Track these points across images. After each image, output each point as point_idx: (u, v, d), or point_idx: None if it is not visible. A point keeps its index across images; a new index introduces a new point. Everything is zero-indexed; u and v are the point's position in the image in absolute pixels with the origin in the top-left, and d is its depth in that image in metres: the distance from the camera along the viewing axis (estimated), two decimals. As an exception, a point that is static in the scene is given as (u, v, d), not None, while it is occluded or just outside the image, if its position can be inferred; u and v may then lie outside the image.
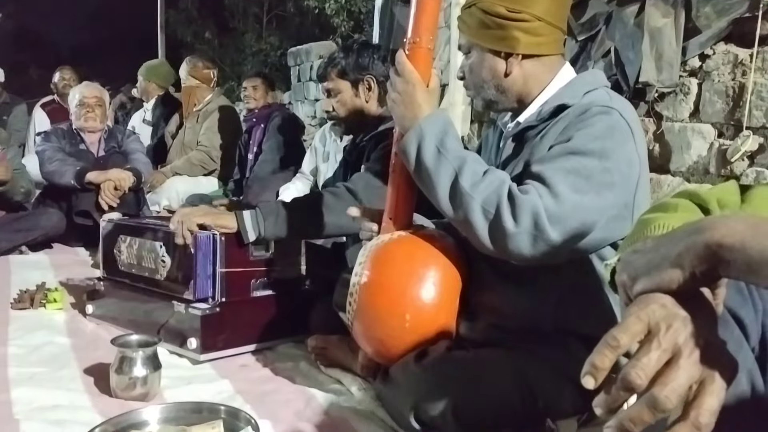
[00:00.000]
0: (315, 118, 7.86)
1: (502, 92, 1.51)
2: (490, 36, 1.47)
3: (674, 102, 3.30)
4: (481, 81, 1.52)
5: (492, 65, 1.50)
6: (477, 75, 1.52)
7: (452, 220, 1.39)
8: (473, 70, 1.53)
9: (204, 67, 4.57)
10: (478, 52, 1.51)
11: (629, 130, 1.37)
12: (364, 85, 2.14)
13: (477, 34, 1.49)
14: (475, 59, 1.52)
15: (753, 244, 0.64)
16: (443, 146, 1.38)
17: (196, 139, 4.43)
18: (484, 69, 1.51)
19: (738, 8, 2.98)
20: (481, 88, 1.53)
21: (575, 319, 1.40)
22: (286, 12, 14.29)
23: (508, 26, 1.44)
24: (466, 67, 1.55)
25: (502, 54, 1.48)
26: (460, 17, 1.54)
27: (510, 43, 1.46)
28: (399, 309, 1.43)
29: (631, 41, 3.42)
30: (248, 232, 1.89)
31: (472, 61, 1.53)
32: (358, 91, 2.16)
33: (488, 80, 1.51)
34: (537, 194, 1.28)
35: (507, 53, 1.48)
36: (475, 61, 1.52)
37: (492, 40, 1.48)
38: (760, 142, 2.89)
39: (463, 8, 1.53)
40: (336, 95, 2.17)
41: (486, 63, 1.50)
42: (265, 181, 3.77)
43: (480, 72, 1.51)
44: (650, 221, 0.90)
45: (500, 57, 1.48)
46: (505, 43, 1.47)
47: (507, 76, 1.49)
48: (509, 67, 1.48)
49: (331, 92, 2.17)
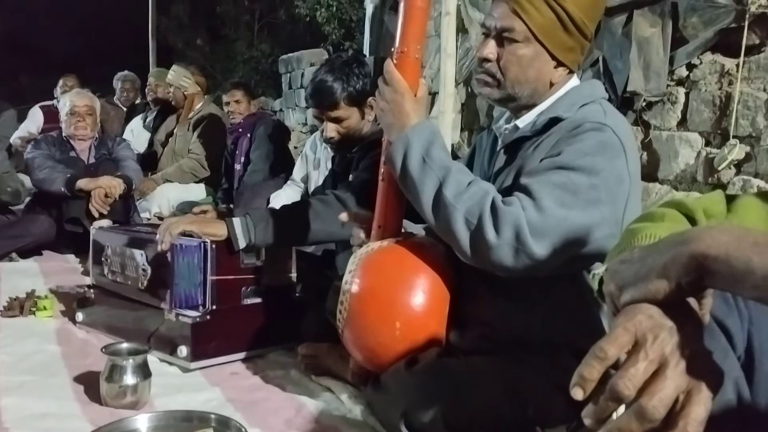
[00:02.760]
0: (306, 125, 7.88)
1: (533, 94, 1.45)
2: (559, 39, 1.39)
3: (662, 111, 3.34)
4: (524, 77, 1.42)
5: (543, 68, 1.43)
6: (523, 69, 1.42)
7: (436, 229, 1.40)
8: (521, 63, 1.41)
9: (199, 74, 4.59)
10: (535, 49, 1.40)
11: (621, 146, 1.36)
12: (368, 106, 2.14)
13: (549, 32, 1.38)
14: (530, 54, 1.40)
15: (737, 255, 0.65)
16: (429, 156, 1.38)
17: (187, 147, 4.42)
18: (533, 69, 1.42)
19: (724, 19, 3.03)
20: (517, 84, 1.43)
21: (564, 332, 1.40)
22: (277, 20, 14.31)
23: (576, 37, 1.40)
24: (512, 58, 1.41)
25: (556, 62, 1.42)
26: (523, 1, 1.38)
27: (569, 55, 1.42)
28: (389, 316, 1.44)
29: (619, 51, 3.46)
30: (239, 239, 1.89)
31: (524, 54, 1.40)
32: (364, 114, 2.15)
33: (531, 80, 1.43)
34: (521, 206, 1.28)
35: (560, 63, 1.43)
36: (529, 56, 1.41)
37: (559, 45, 1.40)
38: (747, 150, 2.93)
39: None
40: (343, 121, 2.13)
41: (539, 62, 1.42)
42: (255, 188, 3.77)
43: (528, 69, 1.42)
44: (637, 231, 0.92)
45: (552, 63, 1.42)
46: (566, 54, 1.42)
47: (552, 85, 1.45)
48: (555, 77, 1.44)
49: (338, 119, 2.12)
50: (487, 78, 1.46)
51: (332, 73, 2.11)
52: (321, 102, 2.13)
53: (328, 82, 2.10)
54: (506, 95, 1.46)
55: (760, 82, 2.90)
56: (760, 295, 0.64)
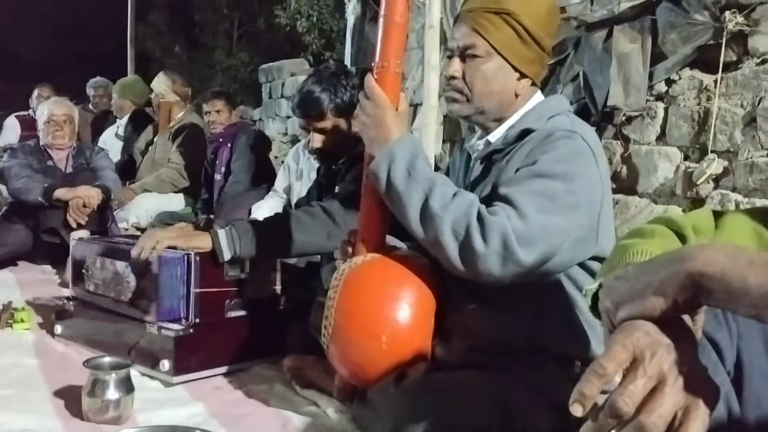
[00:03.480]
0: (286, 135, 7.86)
1: (500, 107, 1.52)
2: (518, 51, 1.47)
3: (641, 125, 3.38)
4: (489, 90, 1.49)
5: (507, 80, 1.50)
6: (488, 83, 1.48)
7: (423, 241, 1.41)
8: (486, 79, 1.48)
9: (183, 83, 4.56)
10: (497, 63, 1.48)
11: (591, 153, 1.42)
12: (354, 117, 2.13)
13: (506, 44, 1.46)
14: (493, 68, 1.48)
15: (733, 273, 0.66)
16: (413, 169, 1.40)
17: (167, 156, 4.39)
18: (498, 81, 1.49)
19: (702, 36, 3.07)
20: (484, 97, 1.50)
21: (549, 338, 1.43)
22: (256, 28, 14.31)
23: (534, 49, 1.48)
24: (477, 73, 1.48)
25: (518, 74, 1.49)
26: (477, 18, 1.47)
27: (530, 66, 1.49)
28: (375, 331, 1.43)
29: (599, 66, 3.50)
30: (224, 251, 1.88)
31: (487, 68, 1.48)
32: (351, 125, 2.14)
33: (497, 93, 1.50)
34: (505, 216, 1.31)
35: (522, 74, 1.50)
36: (492, 69, 1.48)
37: (518, 57, 1.48)
38: (725, 165, 2.97)
39: (483, 10, 1.47)
40: (329, 132, 2.11)
41: (502, 75, 1.49)
42: (236, 199, 3.75)
43: (493, 83, 1.49)
44: (629, 247, 0.93)
45: (515, 75, 1.49)
46: (527, 66, 1.49)
47: (516, 96, 1.51)
48: (519, 88, 1.51)
49: (324, 130, 2.11)
50: (456, 94, 1.52)
51: (320, 84, 2.11)
52: (308, 112, 2.12)
53: (315, 93, 2.09)
54: (475, 109, 1.52)
55: (738, 98, 2.95)
56: (756, 313, 0.66)
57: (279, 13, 11.23)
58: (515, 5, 1.45)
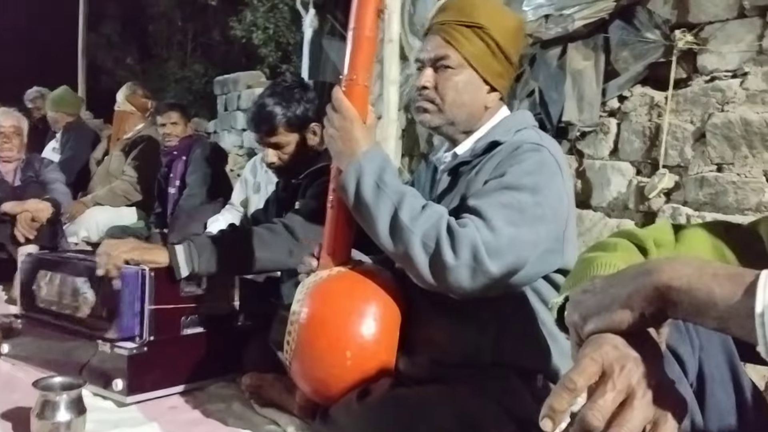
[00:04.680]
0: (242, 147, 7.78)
1: (469, 119, 1.54)
2: (490, 65, 1.50)
3: (595, 141, 3.45)
4: (461, 101, 1.51)
5: (478, 92, 1.52)
6: (459, 94, 1.51)
7: (392, 255, 1.40)
8: (457, 88, 1.50)
9: (143, 95, 4.45)
10: (469, 75, 1.50)
11: (558, 166, 1.44)
12: (310, 131, 2.12)
13: (480, 58, 1.49)
14: (465, 79, 1.50)
15: (699, 286, 0.67)
16: (382, 181, 1.39)
17: (121, 169, 4.28)
18: (468, 93, 1.51)
19: (653, 53, 3.16)
20: (455, 108, 1.52)
21: (513, 351, 1.43)
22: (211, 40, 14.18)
23: (504, 64, 1.51)
24: (449, 84, 1.50)
25: (488, 87, 1.52)
26: (450, 30, 1.50)
27: (500, 80, 1.53)
28: (340, 346, 1.42)
29: (554, 82, 3.57)
30: (181, 267, 1.83)
31: (460, 80, 1.50)
32: (306, 140, 2.12)
33: (468, 104, 1.52)
34: (475, 228, 1.31)
35: (492, 88, 1.53)
36: (464, 81, 1.50)
37: (490, 71, 1.51)
38: (676, 179, 3.05)
39: (457, 23, 1.49)
40: (283, 147, 2.10)
41: (473, 87, 1.51)
42: (192, 213, 3.67)
43: (464, 94, 1.51)
44: (593, 260, 0.93)
45: (486, 87, 1.52)
46: (497, 80, 1.52)
47: (486, 109, 1.54)
48: (489, 101, 1.53)
49: (278, 145, 2.10)
50: (427, 104, 1.53)
51: (273, 98, 2.08)
52: (259, 127, 2.10)
53: (268, 107, 2.07)
54: (445, 120, 1.53)
55: (688, 115, 3.04)
56: (721, 326, 0.66)
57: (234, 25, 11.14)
58: (486, 20, 1.48)
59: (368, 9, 1.49)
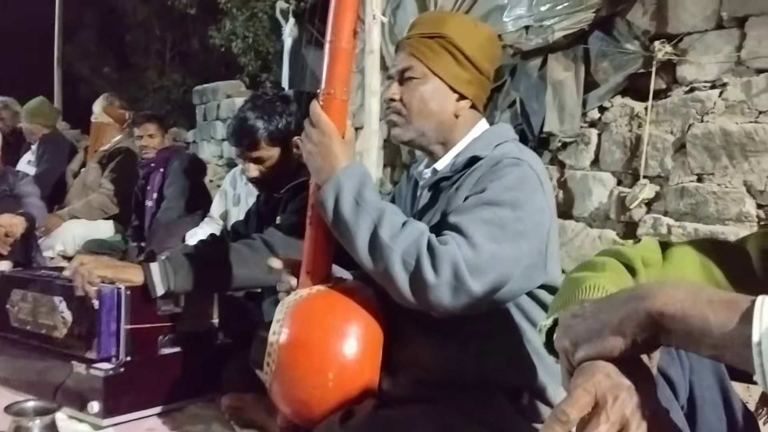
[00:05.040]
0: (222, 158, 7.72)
1: (440, 130, 1.52)
2: (454, 72, 1.48)
3: (576, 151, 3.46)
4: (428, 111, 1.49)
5: (445, 100, 1.50)
6: (426, 105, 1.49)
7: (372, 273, 1.37)
8: (424, 99, 1.49)
9: (120, 106, 4.38)
10: (434, 84, 1.49)
11: (539, 180, 1.42)
12: (292, 145, 2.08)
13: (442, 65, 1.48)
14: (430, 88, 1.49)
15: (693, 313, 0.65)
16: (361, 198, 1.36)
17: (98, 181, 4.21)
18: (435, 102, 1.49)
19: (633, 64, 3.18)
20: (422, 118, 1.50)
21: (498, 369, 1.41)
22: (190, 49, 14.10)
23: (470, 70, 1.49)
24: (415, 94, 1.49)
25: (457, 95, 1.50)
26: (414, 43, 1.50)
27: (467, 87, 1.50)
28: (321, 367, 1.38)
29: (535, 93, 3.58)
30: (156, 286, 1.79)
31: (425, 89, 1.48)
32: (288, 153, 2.08)
33: (435, 113, 1.50)
34: (456, 245, 1.29)
35: (462, 96, 1.50)
36: (429, 90, 1.49)
37: (455, 77, 1.49)
38: (656, 190, 3.07)
39: (420, 36, 1.50)
40: (265, 161, 2.05)
41: (440, 96, 1.49)
42: (169, 226, 3.61)
43: (430, 103, 1.49)
44: (580, 281, 0.91)
45: (454, 96, 1.50)
46: (464, 87, 1.50)
47: (456, 117, 1.51)
48: (458, 109, 1.51)
49: (259, 159, 2.05)
50: (395, 117, 1.52)
51: (254, 111, 2.04)
52: (240, 141, 2.05)
53: (249, 121, 2.03)
54: (415, 132, 1.51)
55: (668, 125, 3.05)
56: (716, 354, 0.64)
57: (213, 34, 11.10)
58: (450, 30, 1.48)
59: (345, 21, 1.46)
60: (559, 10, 3.35)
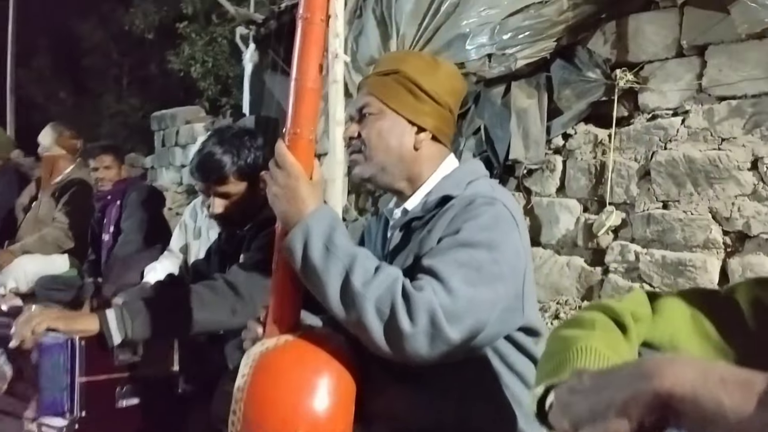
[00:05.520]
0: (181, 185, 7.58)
1: (402, 164, 1.48)
2: (410, 105, 1.46)
3: (541, 178, 3.46)
4: (387, 146, 1.46)
5: (403, 133, 1.46)
6: (384, 139, 1.46)
7: (344, 322, 1.31)
8: (381, 134, 1.46)
9: (71, 136, 4.21)
10: (391, 118, 1.46)
11: (513, 220, 1.39)
12: (260, 180, 2.00)
13: (398, 99, 1.46)
14: (387, 124, 1.46)
15: (706, 395, 0.60)
16: (332, 243, 1.30)
17: (52, 215, 4.05)
18: (394, 136, 1.46)
19: (595, 92, 3.20)
20: (381, 153, 1.47)
21: (477, 417, 1.36)
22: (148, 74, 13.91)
23: (428, 102, 1.46)
24: (372, 130, 1.47)
25: (416, 128, 1.46)
26: (371, 82, 1.49)
27: (426, 119, 1.46)
28: (291, 425, 1.30)
29: (499, 120, 3.57)
30: (113, 334, 1.68)
31: (382, 124, 1.46)
32: (255, 189, 2.01)
33: (395, 147, 1.46)
34: (431, 290, 1.24)
35: (420, 128, 1.46)
36: (387, 126, 1.46)
37: (412, 110, 1.46)
38: (623, 217, 3.07)
39: (377, 74, 1.49)
40: (232, 196, 1.98)
41: (398, 130, 1.46)
42: (127, 261, 3.48)
43: (389, 137, 1.46)
44: (571, 342, 0.86)
45: (412, 129, 1.47)
46: (423, 119, 1.46)
47: (416, 150, 1.47)
48: (418, 142, 1.47)
49: (226, 194, 1.98)
50: (356, 156, 1.50)
51: (221, 145, 1.97)
52: (208, 176, 1.97)
53: (216, 155, 1.96)
54: (376, 168, 1.48)
55: (632, 152, 3.07)
56: None
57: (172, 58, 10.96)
58: (407, 66, 1.47)
59: (311, 58, 1.41)
60: (521, 38, 3.35)
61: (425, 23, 3.83)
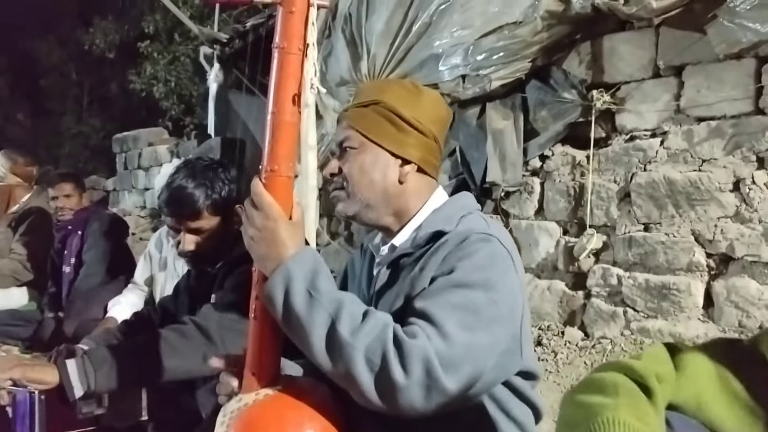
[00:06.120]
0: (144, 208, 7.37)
1: (387, 200, 1.40)
2: (393, 137, 1.38)
3: (519, 200, 3.39)
4: (370, 181, 1.38)
5: (387, 167, 1.38)
6: (367, 174, 1.38)
7: (330, 374, 1.20)
8: (364, 169, 1.38)
9: (25, 163, 4.01)
10: (373, 152, 1.38)
11: (509, 257, 1.31)
12: (233, 214, 1.89)
13: (379, 131, 1.38)
14: (370, 158, 1.38)
15: None
16: (315, 288, 1.20)
17: (9, 246, 3.84)
18: (377, 170, 1.38)
19: (572, 113, 3.15)
20: (365, 189, 1.39)
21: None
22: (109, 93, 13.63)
23: (411, 133, 1.38)
24: (354, 165, 1.39)
25: (400, 160, 1.38)
26: (351, 114, 1.41)
27: (410, 150, 1.38)
28: (274, 489, 1.19)
29: (474, 141, 3.50)
30: (74, 387, 1.55)
31: (364, 158, 1.38)
32: (228, 224, 1.90)
33: (378, 182, 1.38)
34: (426, 337, 1.14)
35: (405, 160, 1.38)
36: (369, 160, 1.38)
37: (395, 142, 1.38)
38: (604, 239, 3.01)
39: (356, 106, 1.41)
40: (204, 232, 1.87)
41: (381, 163, 1.38)
42: (90, 295, 3.30)
43: (372, 172, 1.38)
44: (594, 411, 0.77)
45: (397, 162, 1.38)
46: (407, 150, 1.38)
47: (401, 183, 1.39)
48: (403, 175, 1.39)
49: (199, 230, 1.87)
50: (338, 192, 1.42)
51: (193, 179, 1.86)
52: (180, 211, 1.86)
53: (188, 189, 1.85)
54: (360, 204, 1.40)
55: (611, 174, 3.02)
56: None
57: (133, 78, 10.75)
58: (387, 96, 1.39)
59: (287, 91, 1.31)
60: (496, 59, 3.30)
61: (396, 43, 3.76)
